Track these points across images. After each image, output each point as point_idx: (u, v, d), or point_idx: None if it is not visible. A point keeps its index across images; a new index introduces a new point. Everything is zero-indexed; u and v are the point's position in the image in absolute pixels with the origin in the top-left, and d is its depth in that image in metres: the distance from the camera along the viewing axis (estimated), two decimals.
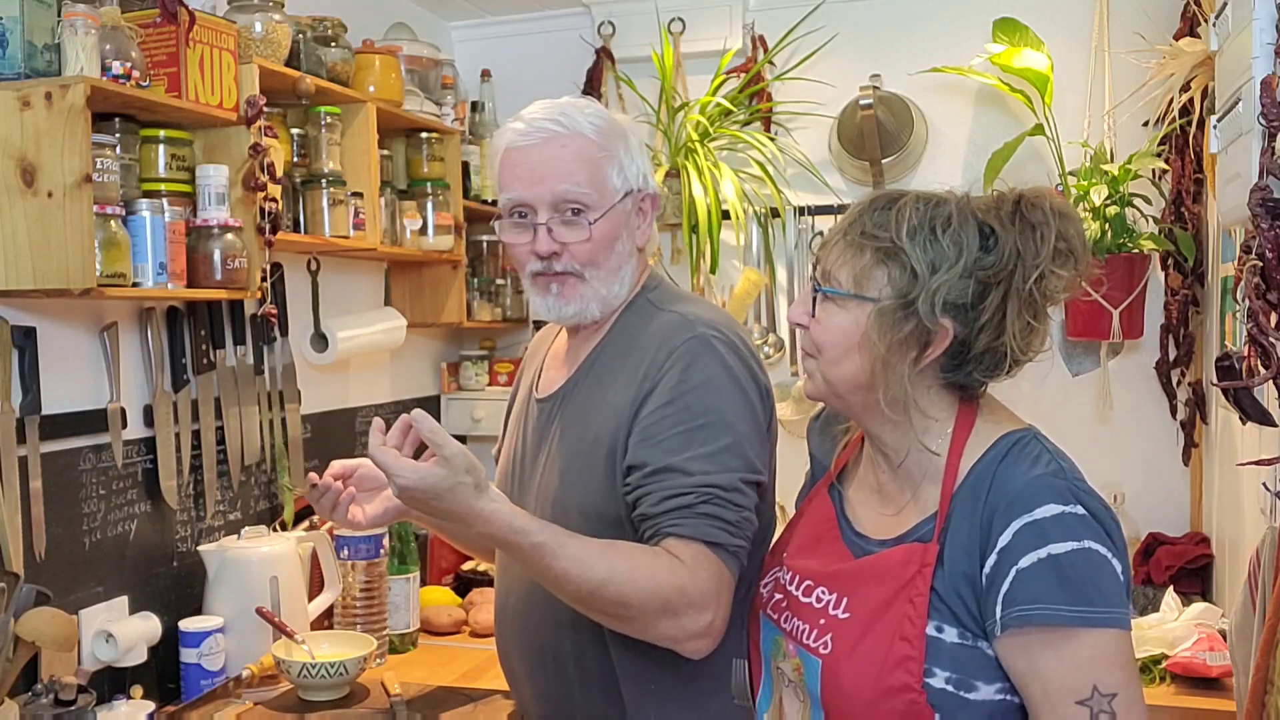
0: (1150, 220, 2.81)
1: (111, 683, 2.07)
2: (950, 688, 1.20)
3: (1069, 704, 1.16)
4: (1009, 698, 1.21)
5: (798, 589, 1.34)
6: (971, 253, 1.22)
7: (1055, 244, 1.22)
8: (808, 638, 1.30)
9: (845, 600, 1.28)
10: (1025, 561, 1.17)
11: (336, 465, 1.60)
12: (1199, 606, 2.39)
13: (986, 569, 1.20)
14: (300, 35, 2.42)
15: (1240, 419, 1.60)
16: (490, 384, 3.38)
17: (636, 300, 1.59)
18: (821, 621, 1.29)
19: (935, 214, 1.24)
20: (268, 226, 2.22)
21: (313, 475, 1.57)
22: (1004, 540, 1.19)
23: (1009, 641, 1.19)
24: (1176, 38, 2.69)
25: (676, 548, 1.39)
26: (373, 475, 1.61)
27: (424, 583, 2.64)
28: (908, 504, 1.30)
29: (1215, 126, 1.69)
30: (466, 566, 2.91)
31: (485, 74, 3.36)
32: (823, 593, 1.31)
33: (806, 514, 1.43)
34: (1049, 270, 1.22)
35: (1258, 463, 1.69)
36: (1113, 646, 1.17)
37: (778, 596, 1.38)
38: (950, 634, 1.21)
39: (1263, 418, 1.57)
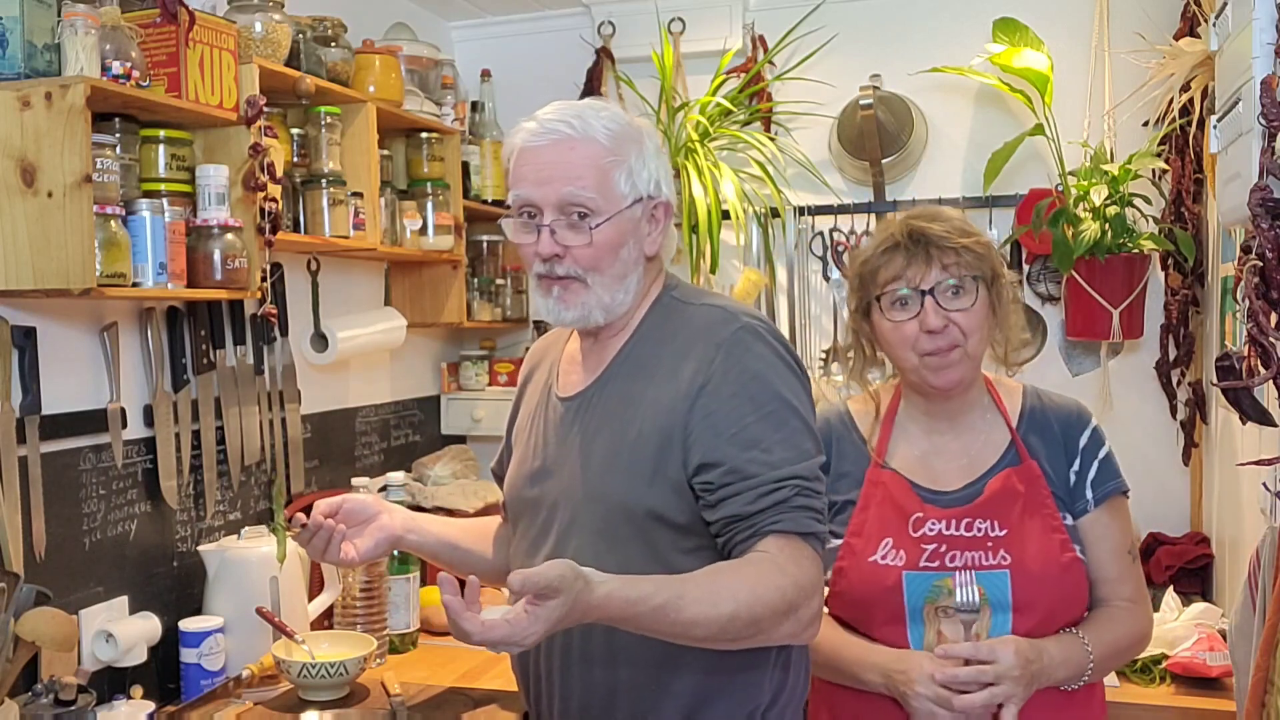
0: (1150, 220, 2.81)
1: (111, 683, 2.07)
2: (1080, 555, 1.68)
3: (1124, 554, 1.71)
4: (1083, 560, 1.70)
5: (958, 529, 1.68)
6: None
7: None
8: (986, 560, 1.66)
9: (996, 522, 1.67)
10: (1101, 454, 1.71)
11: (322, 504, 1.58)
12: (1199, 606, 2.39)
13: (1075, 466, 1.71)
14: (300, 35, 2.42)
15: (1240, 419, 1.60)
16: (490, 384, 3.38)
17: (662, 298, 1.58)
18: (989, 543, 1.67)
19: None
20: (268, 226, 2.22)
21: (300, 516, 1.55)
22: (1083, 442, 1.71)
23: (1093, 516, 1.69)
24: (1176, 38, 2.69)
25: (776, 544, 1.39)
26: (358, 510, 1.60)
27: (424, 583, 2.63)
28: (976, 454, 1.73)
29: (1215, 126, 1.69)
30: None
31: (485, 74, 3.35)
32: (980, 523, 1.69)
33: (885, 486, 1.73)
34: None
35: (1258, 463, 1.68)
36: (1129, 510, 1.75)
37: (930, 548, 1.68)
38: (1068, 519, 1.69)
39: (1263, 418, 1.57)
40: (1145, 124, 2.85)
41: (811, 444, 1.46)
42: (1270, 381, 1.40)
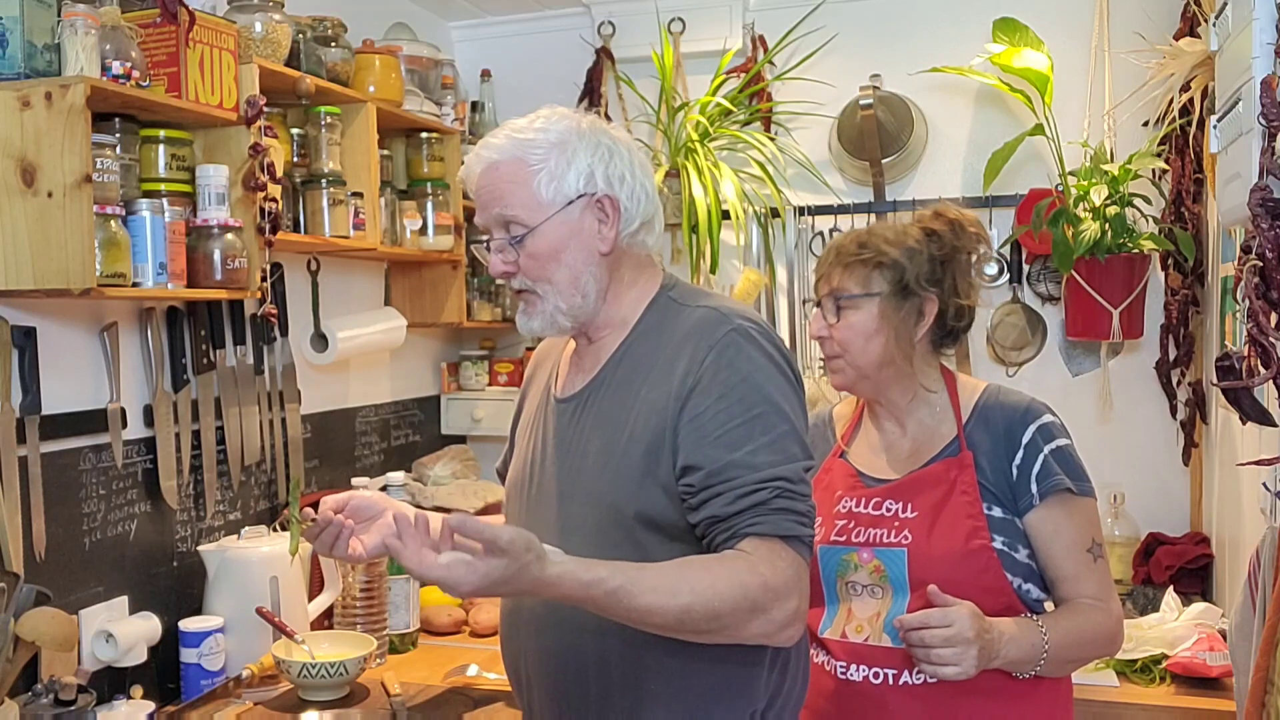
0: (1150, 220, 2.81)
1: (111, 683, 2.08)
2: (1005, 548, 1.67)
3: (1081, 552, 1.68)
4: (1032, 563, 1.69)
5: (866, 507, 1.74)
6: (925, 244, 1.75)
7: (969, 229, 1.78)
8: (888, 538, 1.71)
9: (909, 504, 1.71)
10: (1047, 449, 1.68)
11: (330, 500, 1.58)
12: (1199, 606, 2.39)
13: (1017, 461, 1.68)
14: (300, 35, 2.43)
15: (1240, 419, 1.60)
16: (490, 384, 3.38)
17: (658, 298, 1.58)
18: (896, 523, 1.71)
19: (894, 230, 1.77)
20: (268, 226, 2.22)
21: (308, 511, 1.55)
22: (1026, 438, 1.69)
23: (1040, 512, 1.67)
24: (1176, 38, 2.69)
25: (753, 546, 1.38)
26: (365, 506, 1.60)
27: (424, 583, 2.63)
28: (921, 445, 1.75)
29: (1215, 126, 1.69)
30: None
31: (485, 74, 3.36)
32: (890, 503, 1.73)
33: (833, 472, 1.83)
34: (972, 247, 1.78)
35: (1258, 463, 1.69)
36: (1094, 511, 1.72)
37: (840, 524, 1.76)
38: (997, 511, 1.68)
39: (1263, 418, 1.57)
40: (1145, 124, 2.86)
41: (798, 448, 1.45)
42: (1270, 381, 1.40)
